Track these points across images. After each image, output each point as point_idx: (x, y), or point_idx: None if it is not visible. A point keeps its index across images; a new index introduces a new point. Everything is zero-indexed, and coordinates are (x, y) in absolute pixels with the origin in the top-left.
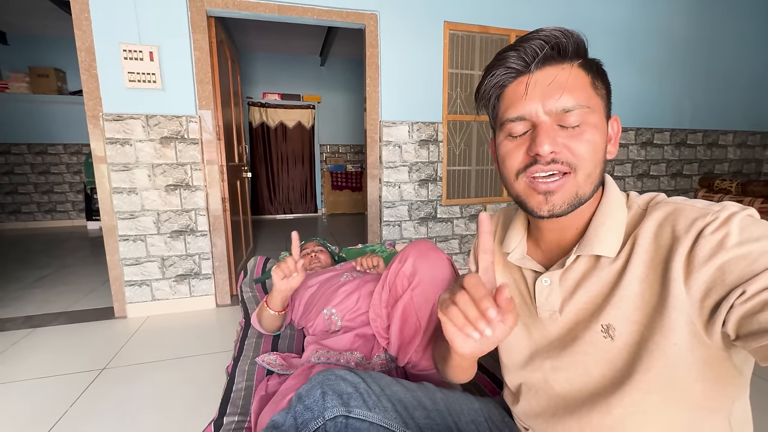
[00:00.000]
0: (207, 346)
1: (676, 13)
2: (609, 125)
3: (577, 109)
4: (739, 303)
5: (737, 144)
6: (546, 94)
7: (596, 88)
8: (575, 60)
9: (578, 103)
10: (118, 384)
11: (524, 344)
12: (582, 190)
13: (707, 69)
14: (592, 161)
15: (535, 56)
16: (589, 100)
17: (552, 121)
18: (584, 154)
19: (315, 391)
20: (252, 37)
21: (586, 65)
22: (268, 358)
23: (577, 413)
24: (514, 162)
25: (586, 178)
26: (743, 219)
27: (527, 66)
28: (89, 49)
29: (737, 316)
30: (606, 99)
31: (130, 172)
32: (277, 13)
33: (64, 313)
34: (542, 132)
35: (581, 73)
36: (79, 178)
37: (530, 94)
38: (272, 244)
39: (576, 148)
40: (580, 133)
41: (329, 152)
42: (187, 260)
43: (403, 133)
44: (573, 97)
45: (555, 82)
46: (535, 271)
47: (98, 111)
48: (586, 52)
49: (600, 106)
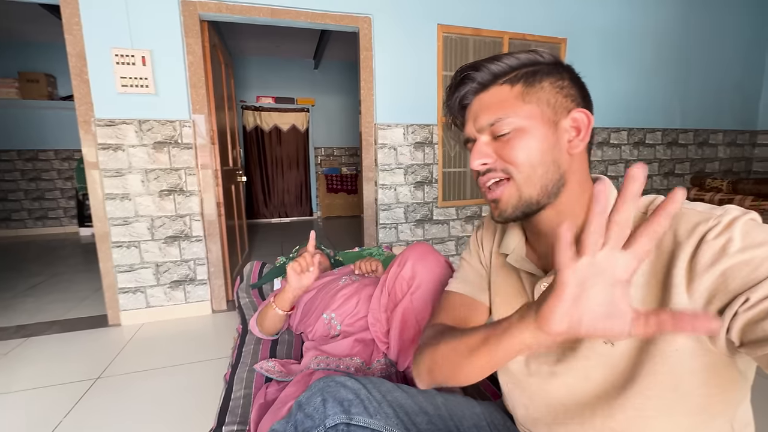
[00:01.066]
0: (203, 353)
1: (665, 14)
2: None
3: (499, 121)
4: (743, 310)
5: (727, 143)
6: (475, 116)
7: (527, 95)
8: (496, 82)
9: (498, 116)
10: (113, 393)
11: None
12: (525, 192)
13: (696, 69)
14: (527, 164)
15: (469, 93)
16: (513, 109)
17: (488, 136)
18: (516, 159)
19: (315, 399)
20: (245, 40)
21: (513, 80)
22: (267, 365)
23: (579, 418)
24: (474, 174)
25: (526, 180)
26: (745, 224)
27: (467, 99)
28: (80, 54)
29: (741, 324)
30: (554, 99)
31: (123, 178)
32: (270, 16)
33: (57, 322)
34: (473, 150)
35: (504, 90)
36: (71, 184)
37: (468, 120)
38: (268, 249)
39: (507, 155)
40: (509, 140)
41: (324, 155)
42: (182, 266)
43: (398, 135)
44: (492, 113)
45: (478, 105)
46: (533, 274)
47: (90, 116)
48: (517, 69)
49: (535, 111)
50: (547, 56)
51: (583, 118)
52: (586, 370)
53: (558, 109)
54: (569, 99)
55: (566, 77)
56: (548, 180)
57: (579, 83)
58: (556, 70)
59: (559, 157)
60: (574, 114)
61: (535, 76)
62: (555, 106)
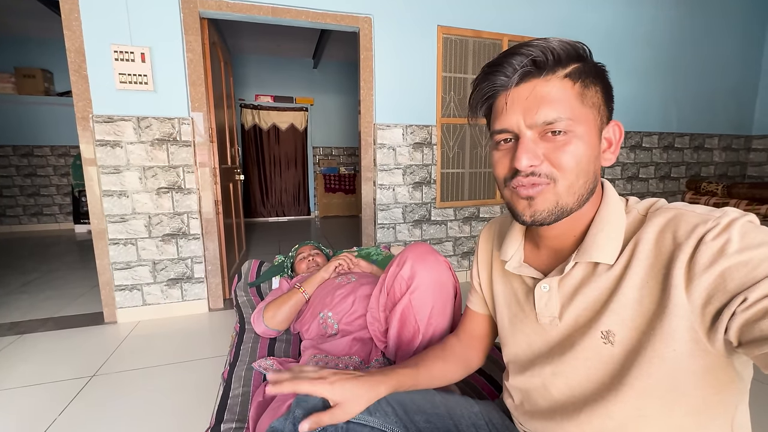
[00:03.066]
0: (200, 351)
1: (661, 18)
2: (607, 131)
3: (559, 121)
4: (741, 310)
5: (722, 147)
6: (526, 108)
7: (584, 98)
8: (559, 71)
9: (559, 115)
10: (109, 391)
11: (525, 350)
12: (563, 200)
13: (692, 73)
14: (574, 172)
15: (514, 71)
16: (573, 111)
17: (535, 133)
18: (565, 165)
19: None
20: (244, 39)
21: (573, 75)
22: (265, 363)
23: (576, 418)
24: (501, 171)
25: (568, 188)
26: (744, 225)
27: (508, 80)
28: (79, 50)
29: (739, 324)
30: (601, 107)
31: (120, 175)
32: (271, 15)
33: (51, 319)
34: (521, 147)
35: (566, 84)
36: (67, 181)
37: (510, 108)
38: (265, 247)
39: (557, 159)
40: (563, 144)
41: (322, 155)
42: (179, 264)
43: (398, 135)
44: (553, 109)
45: (533, 95)
46: (534, 278)
47: (88, 112)
48: (573, 60)
49: (589, 116)
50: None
51: (616, 130)
52: (587, 370)
53: (602, 117)
54: (608, 107)
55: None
56: (585, 190)
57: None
58: (599, 74)
59: (597, 168)
60: (614, 123)
61: (588, 76)
62: (601, 113)
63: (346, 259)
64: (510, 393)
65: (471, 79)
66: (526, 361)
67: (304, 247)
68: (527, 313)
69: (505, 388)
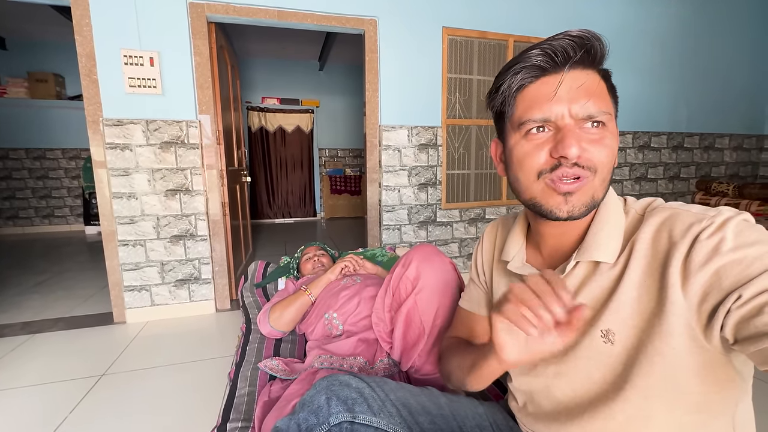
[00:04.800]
0: (207, 351)
1: (670, 17)
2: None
3: (600, 115)
4: (736, 307)
5: (733, 147)
6: (573, 98)
7: (611, 96)
8: (598, 66)
9: (601, 109)
10: (118, 390)
11: None
12: (597, 193)
13: (702, 73)
14: (607, 166)
15: (566, 56)
16: (608, 107)
17: (575, 124)
18: (603, 159)
19: (319, 397)
20: (251, 42)
21: (603, 73)
22: (271, 364)
23: (579, 419)
24: (535, 163)
25: (602, 182)
26: (738, 224)
27: (555, 65)
28: (90, 55)
29: (734, 321)
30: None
31: (129, 177)
32: (277, 18)
33: (62, 319)
34: (570, 135)
35: (600, 80)
36: (78, 183)
37: (558, 96)
38: (272, 249)
39: (596, 153)
40: (601, 138)
41: (328, 156)
42: (187, 265)
43: (403, 137)
44: (597, 103)
45: (583, 86)
46: None
47: (98, 116)
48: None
49: (614, 112)
50: None
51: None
52: (588, 370)
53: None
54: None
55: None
56: (606, 186)
57: None
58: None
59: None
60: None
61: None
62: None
63: (352, 261)
64: (514, 395)
65: (477, 80)
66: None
67: (310, 248)
68: None
69: (509, 390)
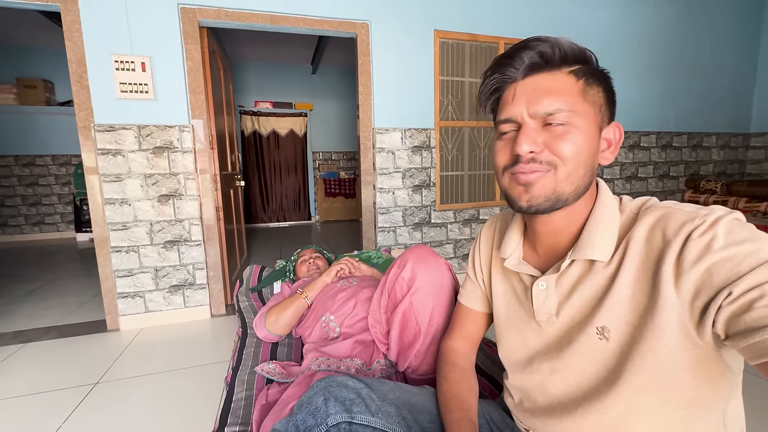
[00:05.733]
0: (202, 357)
1: (658, 19)
2: (607, 132)
3: (560, 112)
4: (727, 304)
5: (720, 145)
6: (531, 99)
7: (587, 95)
8: (564, 68)
9: (560, 107)
10: (112, 398)
11: (522, 347)
12: (560, 187)
13: (689, 73)
14: (573, 161)
15: (522, 64)
16: (575, 104)
17: (537, 123)
18: (565, 154)
19: (317, 398)
20: (243, 46)
21: (579, 73)
22: (268, 367)
23: (572, 414)
24: (501, 159)
25: (566, 176)
26: (729, 222)
27: (516, 72)
28: (80, 60)
29: (725, 317)
30: (603, 106)
31: (122, 183)
32: (270, 23)
33: (55, 327)
34: (522, 133)
35: (571, 80)
36: (68, 190)
37: (517, 99)
38: (267, 253)
39: (557, 147)
40: (563, 133)
41: (322, 159)
42: (181, 270)
43: (396, 139)
44: (556, 100)
45: (539, 87)
46: (532, 275)
47: (90, 122)
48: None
49: (590, 112)
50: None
51: (617, 132)
52: (582, 365)
53: (604, 117)
54: (609, 109)
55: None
56: (582, 182)
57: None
58: (603, 78)
59: (594, 163)
60: (614, 124)
61: (592, 77)
62: (602, 113)
63: (348, 263)
64: (510, 392)
65: (468, 83)
66: (524, 359)
67: (306, 250)
68: (525, 311)
69: (505, 387)
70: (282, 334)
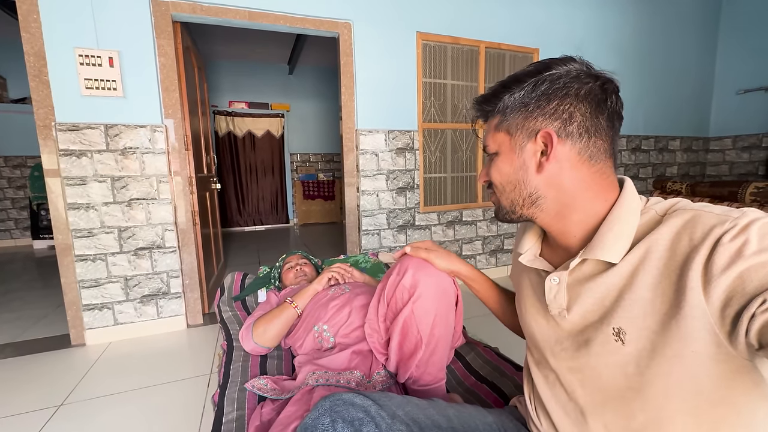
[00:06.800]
0: (179, 371)
1: (627, 27)
2: (536, 143)
3: (485, 148)
4: (761, 312)
5: (684, 149)
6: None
7: (500, 125)
8: (489, 116)
9: (485, 145)
10: (79, 422)
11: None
12: (502, 203)
13: (656, 79)
14: (498, 182)
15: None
16: (491, 138)
17: (489, 158)
18: (493, 178)
19: (323, 420)
20: (217, 44)
21: (497, 111)
22: (259, 383)
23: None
24: None
25: (500, 194)
26: (763, 226)
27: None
28: (39, 54)
29: (759, 325)
30: (518, 126)
31: (87, 186)
32: (248, 19)
33: (10, 344)
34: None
35: (493, 121)
36: (24, 194)
37: None
38: (244, 258)
39: (489, 174)
40: (491, 163)
41: (300, 161)
42: (154, 279)
43: (380, 141)
44: (484, 141)
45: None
46: (546, 270)
47: (50, 120)
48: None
49: (502, 138)
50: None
51: (547, 137)
52: (598, 368)
53: (525, 133)
54: (542, 119)
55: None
56: (517, 196)
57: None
58: (537, 91)
59: (525, 177)
60: (540, 135)
61: (506, 104)
62: (523, 130)
63: (341, 270)
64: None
65: (450, 85)
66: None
67: (292, 256)
68: (542, 305)
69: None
70: (271, 346)
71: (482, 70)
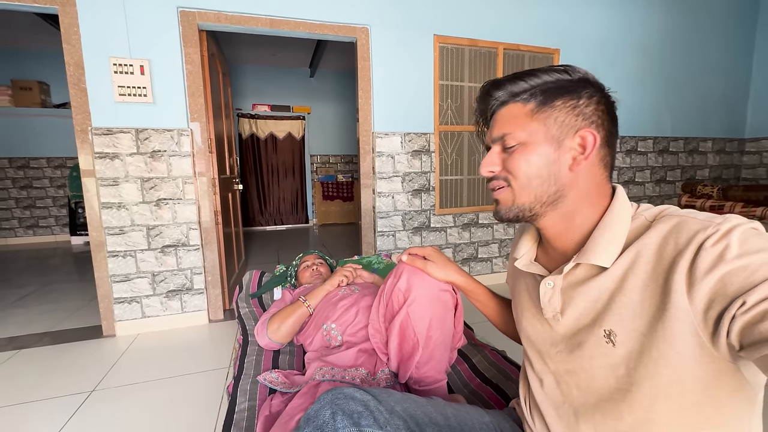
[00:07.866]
0: (201, 363)
1: (653, 26)
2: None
3: (506, 136)
4: (740, 313)
5: (716, 150)
6: (491, 129)
7: (536, 113)
8: (511, 100)
9: (504, 132)
10: (109, 406)
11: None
12: (520, 199)
13: (685, 79)
14: (525, 175)
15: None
16: (521, 126)
17: (499, 147)
18: (516, 170)
19: (324, 412)
20: (242, 49)
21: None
22: (270, 377)
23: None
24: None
25: (521, 189)
26: (744, 231)
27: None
28: (78, 63)
29: (739, 327)
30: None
31: (119, 187)
32: (269, 27)
33: (49, 333)
34: (484, 158)
35: (518, 106)
36: (63, 192)
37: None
38: (264, 257)
39: (509, 165)
40: (513, 152)
41: (320, 162)
42: (179, 275)
43: (396, 143)
44: (502, 128)
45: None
46: (541, 275)
47: (87, 125)
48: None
49: (537, 128)
50: (576, 74)
51: (589, 137)
52: (592, 370)
53: (565, 128)
54: (581, 118)
55: (586, 96)
56: (543, 192)
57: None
58: (576, 89)
59: (558, 172)
60: (581, 133)
61: (548, 95)
62: (562, 124)
63: (352, 271)
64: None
65: (468, 87)
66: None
67: (309, 255)
68: (537, 309)
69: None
70: (284, 342)
71: (500, 71)
